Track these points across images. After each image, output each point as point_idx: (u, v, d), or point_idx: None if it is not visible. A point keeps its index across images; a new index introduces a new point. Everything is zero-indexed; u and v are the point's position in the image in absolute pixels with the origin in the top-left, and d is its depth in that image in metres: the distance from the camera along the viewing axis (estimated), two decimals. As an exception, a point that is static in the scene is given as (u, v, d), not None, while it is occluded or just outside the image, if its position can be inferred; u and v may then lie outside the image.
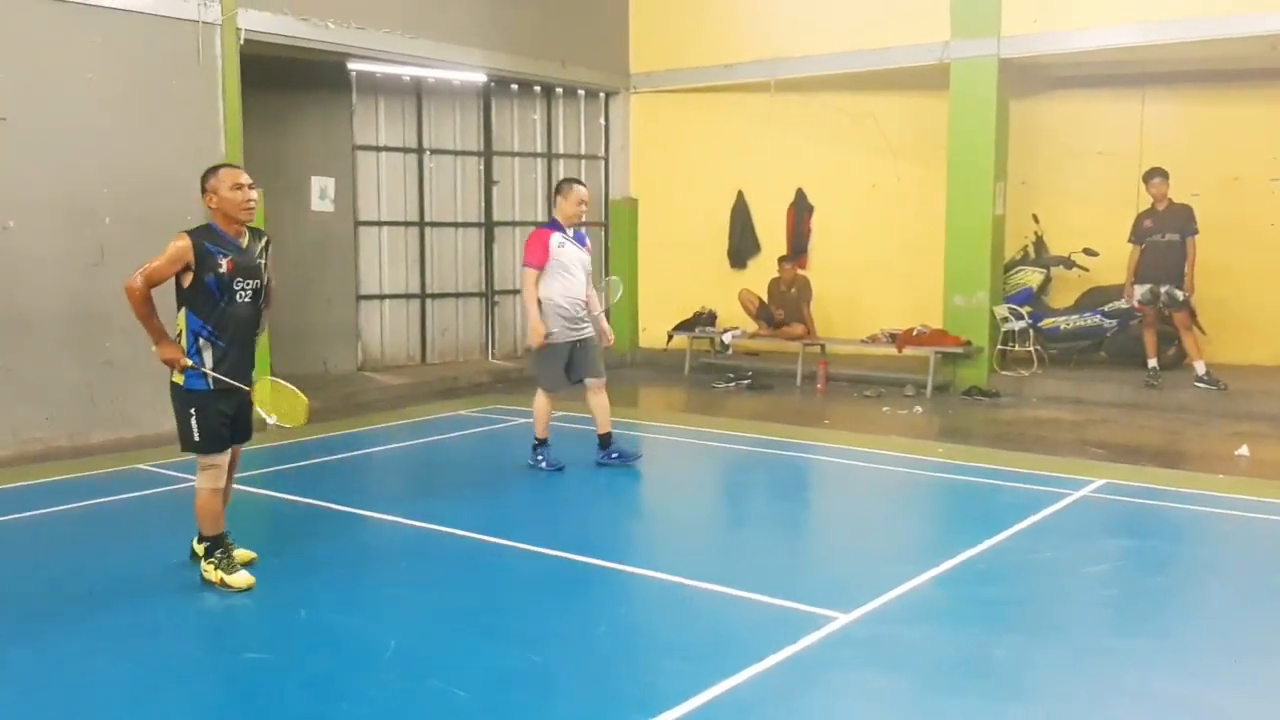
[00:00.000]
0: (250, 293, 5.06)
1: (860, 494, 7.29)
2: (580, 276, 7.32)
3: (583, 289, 7.34)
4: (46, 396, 8.30)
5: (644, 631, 4.66)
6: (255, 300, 5.11)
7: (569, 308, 7.24)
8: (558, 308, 7.21)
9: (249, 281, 5.04)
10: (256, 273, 5.09)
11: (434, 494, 7.04)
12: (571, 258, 7.27)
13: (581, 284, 7.32)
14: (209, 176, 5.05)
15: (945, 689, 3.95)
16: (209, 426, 5.07)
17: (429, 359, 12.86)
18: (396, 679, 4.03)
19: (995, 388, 10.90)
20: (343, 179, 11.95)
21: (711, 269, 13.45)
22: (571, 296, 7.25)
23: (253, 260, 5.07)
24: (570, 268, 7.25)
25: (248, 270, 5.03)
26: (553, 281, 7.20)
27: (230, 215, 5.00)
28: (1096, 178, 11.78)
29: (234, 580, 5.00)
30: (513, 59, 12.22)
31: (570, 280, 7.24)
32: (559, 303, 7.21)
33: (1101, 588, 5.14)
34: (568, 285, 7.23)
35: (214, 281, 4.94)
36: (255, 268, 5.08)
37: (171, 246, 4.92)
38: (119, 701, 3.86)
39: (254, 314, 5.15)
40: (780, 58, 12.22)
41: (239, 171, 5.06)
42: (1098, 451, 8.22)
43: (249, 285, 5.04)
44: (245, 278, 5.02)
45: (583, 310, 7.34)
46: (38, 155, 8.17)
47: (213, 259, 4.93)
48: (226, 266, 4.95)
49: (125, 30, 8.61)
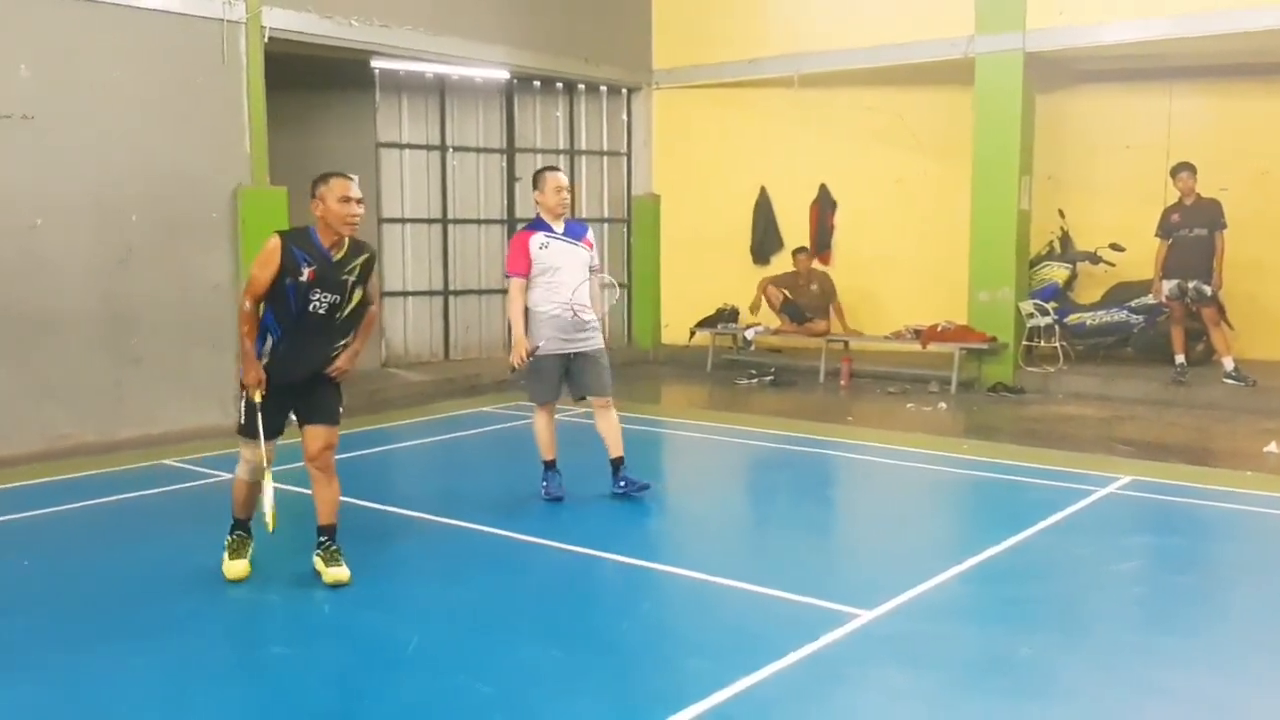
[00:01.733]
0: (327, 305, 4.94)
1: (883, 491, 7.26)
2: (573, 277, 6.38)
3: (576, 291, 6.38)
4: (74, 394, 8.37)
5: (667, 628, 4.65)
6: (332, 314, 4.98)
7: (560, 314, 6.35)
8: (546, 315, 6.36)
9: (327, 295, 4.92)
10: (339, 288, 4.95)
11: (457, 490, 7.06)
12: (559, 257, 6.37)
13: (573, 285, 6.37)
14: (319, 183, 4.97)
15: (970, 687, 3.93)
16: (251, 418, 4.99)
17: (452, 356, 12.90)
18: (420, 675, 4.04)
19: (1020, 384, 10.82)
20: (366, 176, 11.99)
21: (734, 265, 13.42)
22: (560, 301, 6.34)
23: (339, 275, 4.95)
24: (557, 269, 6.35)
25: (329, 283, 4.92)
26: (536, 287, 6.37)
27: (332, 226, 4.93)
28: (1123, 172, 11.67)
29: (227, 566, 5.12)
30: (536, 56, 12.23)
31: (557, 284, 6.34)
32: (545, 310, 6.36)
33: (1128, 586, 5.10)
34: (554, 290, 6.34)
35: (292, 287, 4.86)
36: (339, 283, 4.95)
37: (264, 249, 4.92)
38: (147, 697, 3.89)
39: (327, 327, 5.00)
40: (804, 52, 12.18)
41: (350, 183, 4.97)
42: (1124, 448, 8.15)
43: (326, 298, 4.92)
44: (325, 290, 4.91)
45: (584, 315, 6.42)
46: (64, 154, 8.24)
47: (296, 264, 4.85)
48: (308, 275, 4.86)
49: (151, 29, 8.66)
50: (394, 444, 8.59)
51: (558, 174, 6.54)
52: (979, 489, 7.14)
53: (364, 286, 5.08)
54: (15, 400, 8.03)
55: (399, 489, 7.39)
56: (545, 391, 6.50)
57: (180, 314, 8.89)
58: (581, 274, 6.43)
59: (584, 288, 6.43)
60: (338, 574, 5.00)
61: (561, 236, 6.43)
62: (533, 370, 6.43)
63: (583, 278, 6.43)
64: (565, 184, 6.48)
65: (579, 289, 6.39)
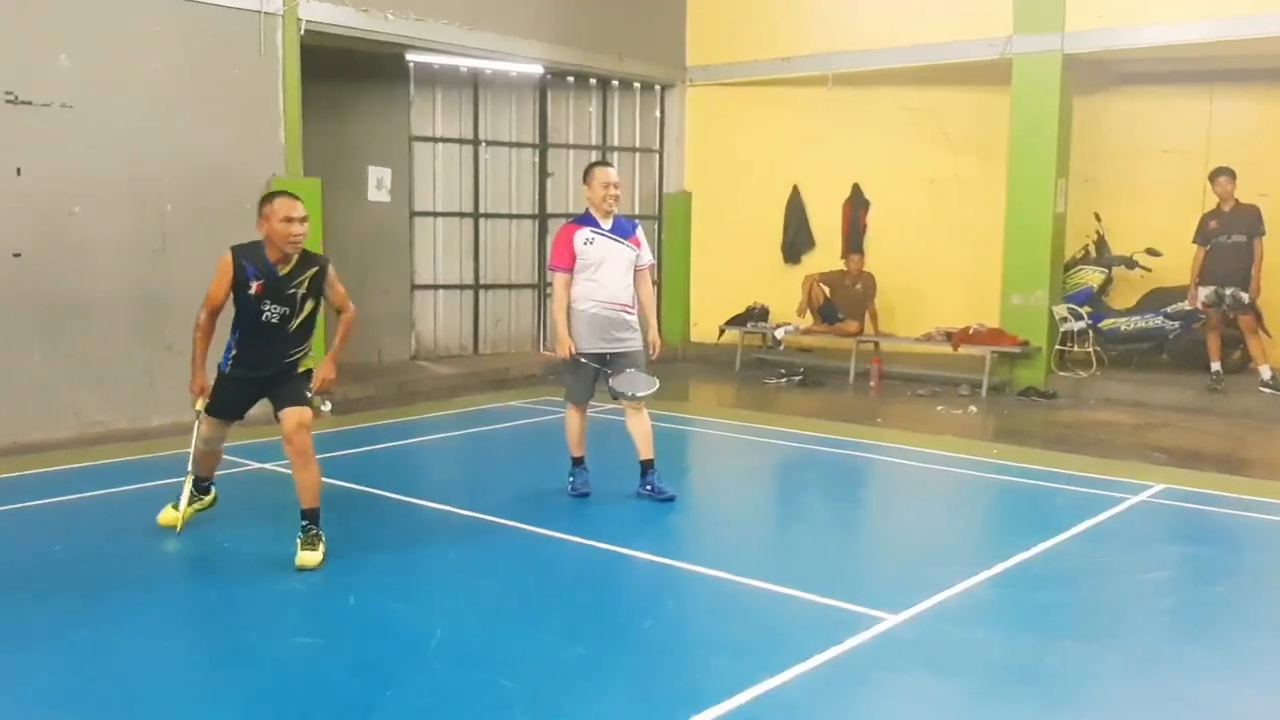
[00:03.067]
0: (278, 315, 5.24)
1: (912, 494, 7.21)
2: (614, 276, 6.26)
3: (619, 291, 6.28)
4: (108, 380, 8.46)
5: (691, 627, 4.64)
6: (284, 323, 5.27)
7: (600, 312, 6.24)
8: (586, 313, 6.24)
9: (277, 306, 5.22)
10: (288, 301, 5.23)
11: (483, 484, 7.07)
12: (604, 254, 6.25)
13: (616, 285, 6.26)
14: (265, 202, 5.26)
15: (997, 694, 3.89)
16: (216, 398, 5.44)
17: (481, 349, 12.93)
18: (443, 667, 4.05)
19: (1052, 389, 10.72)
20: (399, 169, 12.04)
21: (765, 264, 13.37)
22: (601, 300, 6.24)
23: (286, 289, 5.22)
24: (600, 266, 6.23)
25: (278, 296, 5.21)
26: (578, 284, 6.26)
27: (276, 244, 5.20)
28: (1161, 176, 11.53)
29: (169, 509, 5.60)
30: (570, 51, 12.23)
31: (598, 282, 6.23)
32: (584, 308, 6.24)
33: (1160, 595, 5.03)
34: (595, 288, 6.23)
35: (244, 299, 5.21)
36: (288, 296, 5.23)
37: (219, 265, 5.26)
38: (172, 683, 3.92)
39: (282, 334, 5.29)
40: (839, 51, 12.11)
41: (294, 204, 5.22)
42: (1158, 456, 8.06)
43: (276, 309, 5.22)
44: (274, 302, 5.21)
45: (625, 315, 6.31)
46: (102, 143, 8.33)
47: (245, 278, 5.19)
48: (255, 289, 5.18)
49: (189, 21, 8.74)
50: (421, 437, 8.61)
51: (607, 170, 6.41)
52: (1009, 494, 7.08)
53: (316, 298, 5.34)
54: (50, 386, 8.13)
55: (426, 482, 7.41)
56: (579, 391, 6.42)
57: (213, 303, 8.95)
58: (625, 272, 6.32)
59: (627, 286, 6.34)
60: (304, 558, 5.09)
61: (607, 233, 6.30)
62: (570, 366, 6.35)
63: (626, 276, 6.33)
64: (613, 180, 6.34)
65: (622, 288, 6.30)
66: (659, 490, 6.43)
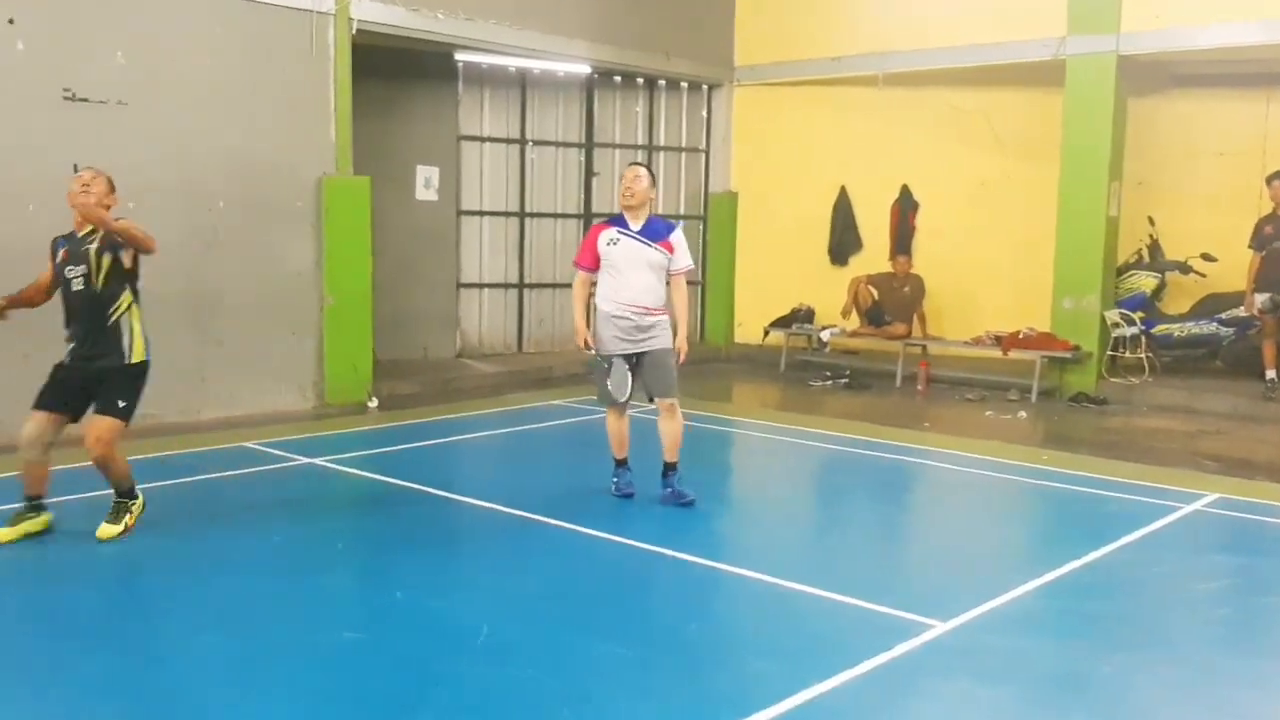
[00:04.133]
0: (81, 279, 5.42)
1: (960, 500, 7.13)
2: (638, 279, 6.15)
3: (641, 293, 6.15)
4: (159, 374, 8.50)
5: (736, 630, 4.62)
6: (88, 285, 5.42)
7: (621, 315, 6.16)
8: (607, 315, 6.22)
9: (77, 267, 5.41)
10: (83, 259, 5.41)
11: (528, 482, 7.08)
12: (627, 256, 6.16)
13: (638, 287, 6.14)
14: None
15: (1046, 704, 3.83)
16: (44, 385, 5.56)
17: (525, 348, 12.98)
18: (488, 664, 4.06)
19: (1103, 395, 10.57)
20: (447, 168, 12.12)
21: (811, 265, 13.30)
22: (622, 301, 6.16)
23: (80, 247, 5.44)
24: (622, 268, 6.15)
25: (75, 256, 5.43)
26: (601, 285, 6.26)
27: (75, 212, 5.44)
28: (1217, 180, 11.32)
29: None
30: (618, 51, 12.24)
31: (621, 283, 6.16)
32: (605, 309, 6.22)
33: (1213, 605, 4.94)
34: (617, 289, 6.16)
35: (59, 270, 5.48)
36: (82, 254, 5.42)
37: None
38: (221, 675, 3.96)
39: (90, 298, 5.44)
40: (889, 51, 12.02)
41: (81, 176, 5.47)
42: (1210, 464, 7.91)
43: (77, 269, 5.41)
44: (74, 263, 5.42)
45: (646, 319, 6.19)
46: (156, 139, 8.45)
47: (55, 250, 5.53)
48: (62, 255, 5.47)
49: (243, 19, 8.84)
50: (465, 434, 8.65)
51: (632, 167, 6.42)
52: (1058, 501, 6.98)
53: (111, 252, 5.44)
54: (103, 379, 8.24)
55: (470, 479, 7.45)
56: (607, 391, 6.34)
57: (262, 298, 9.07)
58: (649, 275, 6.18)
59: (652, 289, 6.20)
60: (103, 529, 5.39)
61: (635, 235, 6.19)
62: (598, 371, 6.37)
63: (652, 279, 6.19)
64: (633, 174, 6.26)
65: (646, 290, 6.17)
66: (679, 494, 6.32)
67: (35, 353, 7.86)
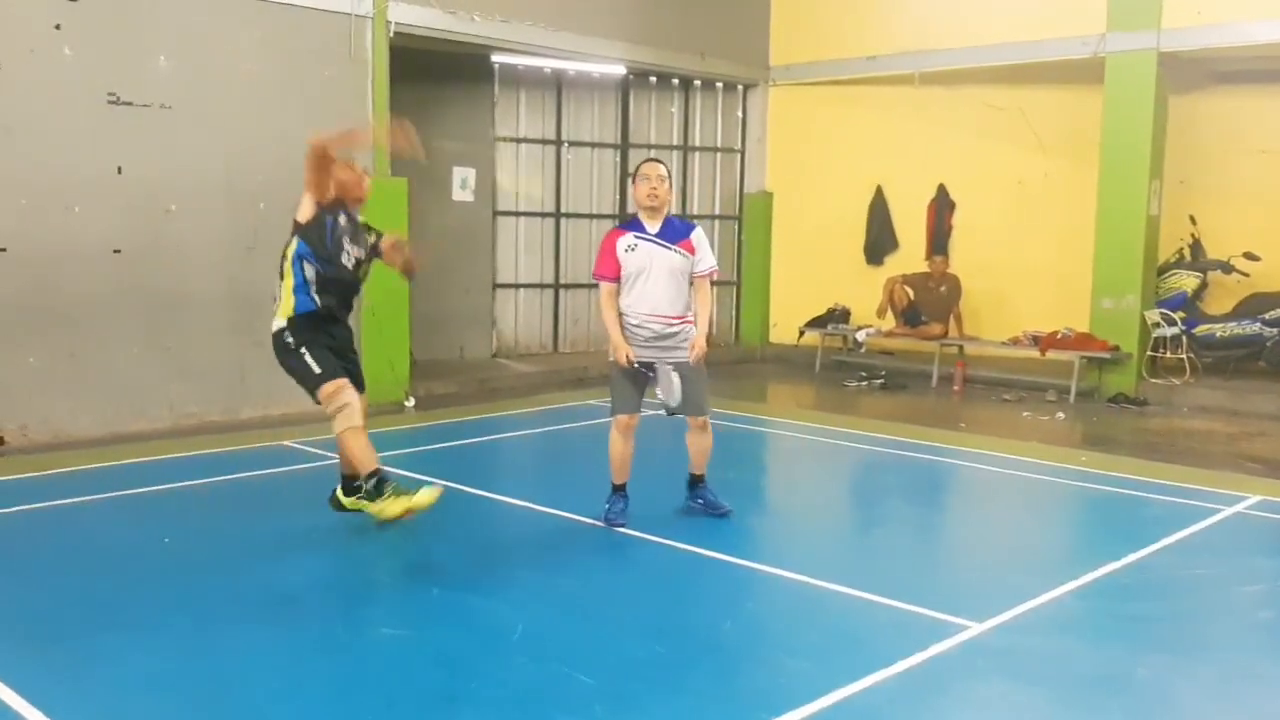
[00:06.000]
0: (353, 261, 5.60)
1: (996, 500, 7.08)
2: (659, 286, 5.69)
3: (664, 302, 5.70)
4: (202, 373, 8.70)
5: (770, 629, 4.62)
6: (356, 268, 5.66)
7: (645, 325, 5.72)
8: (631, 325, 5.75)
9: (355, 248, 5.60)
10: (361, 245, 5.65)
11: (563, 481, 7.12)
12: (647, 262, 5.69)
13: (659, 296, 5.70)
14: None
15: (1084, 706, 3.81)
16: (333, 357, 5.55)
17: (560, 348, 13.03)
18: (524, 661, 4.09)
19: (1143, 396, 10.46)
20: (483, 169, 12.19)
21: (846, 265, 13.25)
22: (644, 313, 5.71)
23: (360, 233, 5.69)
24: (642, 275, 5.70)
25: (355, 238, 5.61)
26: (625, 292, 5.76)
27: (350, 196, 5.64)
28: (1260, 178, 11.16)
29: (420, 498, 5.04)
30: (653, 51, 12.27)
31: (641, 292, 5.71)
32: (631, 319, 5.74)
33: (1255, 609, 4.88)
34: (637, 299, 5.71)
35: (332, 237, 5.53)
36: (362, 240, 5.69)
37: None
38: (262, 671, 4.02)
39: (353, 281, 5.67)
40: (926, 50, 11.96)
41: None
42: (1254, 466, 7.81)
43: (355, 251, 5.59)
44: (353, 243, 5.57)
45: (670, 327, 5.74)
46: (199, 142, 8.57)
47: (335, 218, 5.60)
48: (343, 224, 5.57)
49: (283, 23, 8.95)
50: (502, 433, 8.70)
51: (652, 164, 5.84)
52: (1097, 503, 6.91)
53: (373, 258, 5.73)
54: (148, 378, 8.40)
55: (507, 477, 7.49)
56: (622, 402, 5.83)
57: (302, 300, 9.15)
58: (671, 282, 5.72)
59: (676, 297, 5.75)
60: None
61: (653, 238, 5.73)
62: (616, 374, 5.82)
63: (675, 285, 5.74)
64: (658, 174, 5.76)
65: (668, 299, 5.72)
66: (714, 504, 6.08)
67: (80, 351, 8.06)
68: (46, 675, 3.92)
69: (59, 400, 8.01)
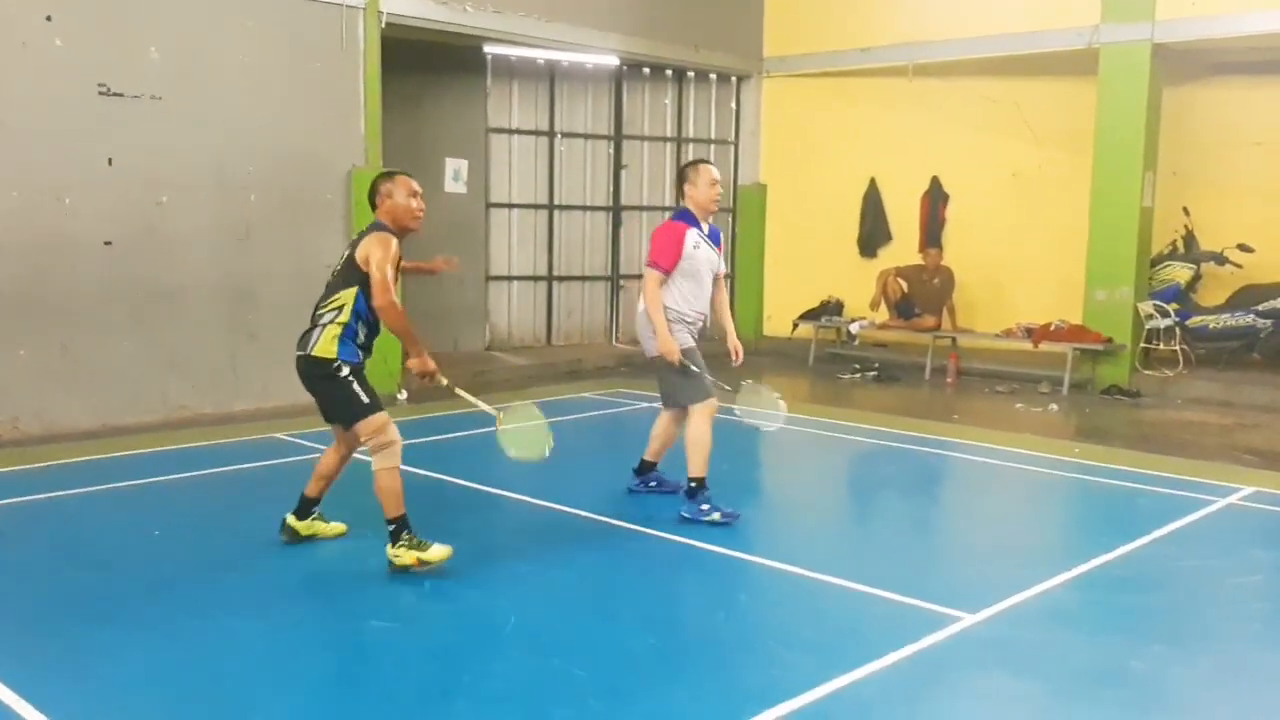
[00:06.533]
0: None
1: (990, 493, 7.08)
2: (704, 284, 5.91)
3: (705, 299, 5.95)
4: (194, 366, 8.67)
5: (765, 622, 4.61)
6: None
7: (695, 322, 5.93)
8: (683, 318, 5.86)
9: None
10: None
11: (558, 474, 7.08)
12: (703, 260, 5.86)
13: (704, 294, 5.92)
14: (384, 181, 5.16)
15: (1078, 697, 3.80)
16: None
17: (554, 341, 13.01)
18: (518, 654, 4.08)
19: (1137, 387, 10.47)
20: (475, 161, 12.15)
21: (840, 257, 13.24)
22: (696, 310, 5.90)
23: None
24: (701, 272, 5.85)
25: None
26: (675, 287, 5.81)
27: (401, 223, 5.17)
28: (1254, 170, 11.17)
29: (432, 555, 4.91)
30: (647, 43, 12.23)
31: (693, 289, 5.84)
32: (684, 313, 5.85)
33: (1250, 600, 4.88)
34: (689, 295, 5.83)
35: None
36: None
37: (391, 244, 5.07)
38: (255, 663, 4.00)
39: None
40: (920, 41, 11.94)
41: (413, 180, 5.19)
42: (1247, 458, 7.81)
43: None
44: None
45: (704, 325, 6.04)
46: (190, 134, 8.53)
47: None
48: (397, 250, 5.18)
49: (274, 14, 8.90)
50: (495, 426, 8.65)
51: (712, 167, 5.92)
52: (1090, 494, 6.92)
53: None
54: (139, 371, 8.37)
55: (500, 471, 7.44)
56: (706, 387, 5.83)
57: (294, 291, 9.09)
58: (711, 280, 5.98)
59: (709, 296, 6.02)
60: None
61: (706, 238, 5.91)
62: (678, 369, 5.78)
63: (710, 286, 5.98)
64: (717, 177, 5.91)
65: (707, 296, 5.95)
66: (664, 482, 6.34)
67: (72, 344, 8.03)
68: (40, 669, 3.90)
69: (51, 393, 7.97)
